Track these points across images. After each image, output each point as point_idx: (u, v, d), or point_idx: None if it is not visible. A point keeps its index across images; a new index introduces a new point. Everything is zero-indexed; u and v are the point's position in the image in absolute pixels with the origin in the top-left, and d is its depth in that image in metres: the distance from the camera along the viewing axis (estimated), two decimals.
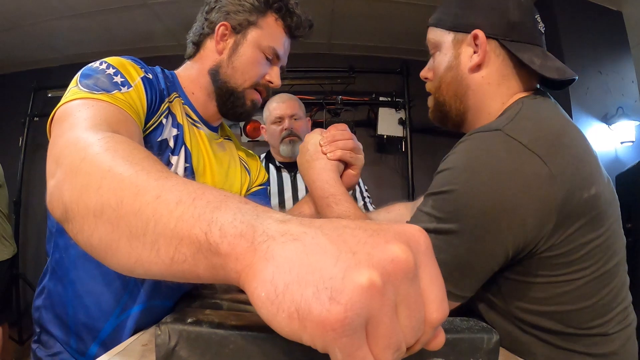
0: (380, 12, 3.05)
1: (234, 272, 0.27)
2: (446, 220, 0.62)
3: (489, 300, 0.69)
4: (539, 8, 0.81)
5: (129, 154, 0.41)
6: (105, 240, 0.36)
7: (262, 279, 0.25)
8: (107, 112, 0.58)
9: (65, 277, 0.72)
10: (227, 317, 0.39)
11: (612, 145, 2.57)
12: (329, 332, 0.22)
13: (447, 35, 0.78)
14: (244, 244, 0.27)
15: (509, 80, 0.75)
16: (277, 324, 0.24)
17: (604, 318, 0.64)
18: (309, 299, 0.23)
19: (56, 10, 2.87)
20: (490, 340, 0.38)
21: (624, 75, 2.70)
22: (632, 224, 2.28)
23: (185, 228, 0.30)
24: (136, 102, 0.66)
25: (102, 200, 0.36)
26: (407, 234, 0.26)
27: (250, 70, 0.84)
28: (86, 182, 0.39)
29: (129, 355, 0.50)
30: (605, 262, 0.64)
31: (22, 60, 3.53)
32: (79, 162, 0.42)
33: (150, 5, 2.95)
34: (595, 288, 0.63)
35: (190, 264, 0.30)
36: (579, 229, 0.61)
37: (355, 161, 0.87)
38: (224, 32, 0.84)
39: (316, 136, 0.88)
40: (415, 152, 3.50)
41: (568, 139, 0.65)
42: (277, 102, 1.77)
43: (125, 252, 0.34)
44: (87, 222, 0.37)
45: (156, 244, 0.31)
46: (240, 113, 0.87)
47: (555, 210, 0.59)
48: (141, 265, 0.33)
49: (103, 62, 0.68)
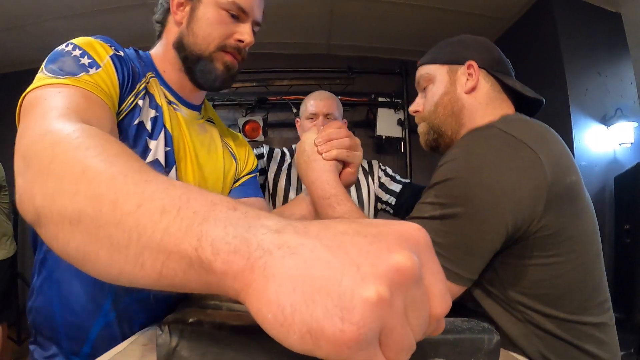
0: (379, 12, 3.06)
1: (233, 289, 0.26)
2: (452, 205, 0.68)
3: (486, 290, 0.75)
4: (538, 10, 0.87)
5: (103, 151, 0.37)
6: (84, 250, 0.33)
7: (266, 300, 0.24)
8: (75, 98, 0.55)
9: (49, 277, 0.70)
10: (228, 317, 0.39)
11: (611, 146, 2.57)
12: (344, 350, 0.22)
13: (441, 68, 0.91)
14: (240, 262, 0.25)
15: (495, 101, 0.87)
16: (289, 344, 0.24)
17: (591, 302, 0.72)
18: (320, 320, 0.22)
19: (55, 10, 2.87)
20: (491, 341, 0.38)
21: (623, 77, 2.70)
22: (630, 225, 2.29)
23: (172, 242, 0.28)
24: (107, 83, 0.63)
25: (79, 207, 0.33)
26: (406, 235, 0.26)
27: (212, 31, 0.78)
28: (59, 186, 0.36)
29: (129, 355, 0.50)
30: (587, 250, 0.73)
31: (21, 60, 3.52)
32: (48, 162, 0.38)
33: (149, 5, 2.94)
34: (580, 274, 0.72)
35: (181, 279, 0.28)
36: (566, 211, 0.70)
37: (352, 159, 0.85)
38: (180, 1, 0.79)
39: (312, 135, 0.87)
40: (414, 152, 3.51)
41: (550, 136, 0.75)
42: (315, 98, 1.71)
43: (107, 263, 0.31)
44: (62, 229, 0.34)
45: (141, 257, 0.29)
46: (214, 79, 0.81)
47: (546, 191, 0.67)
48: (125, 277, 0.31)
49: (70, 44, 0.65)
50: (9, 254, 2.46)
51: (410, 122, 3.42)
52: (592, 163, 2.49)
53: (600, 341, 0.72)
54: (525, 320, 0.72)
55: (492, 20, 3.08)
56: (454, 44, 0.92)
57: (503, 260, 0.72)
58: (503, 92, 0.88)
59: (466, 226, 0.67)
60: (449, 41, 0.93)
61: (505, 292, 0.72)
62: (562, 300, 0.71)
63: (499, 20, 3.10)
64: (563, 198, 0.69)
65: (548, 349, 0.70)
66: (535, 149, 0.69)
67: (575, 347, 0.70)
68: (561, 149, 0.74)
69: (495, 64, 0.89)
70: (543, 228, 0.69)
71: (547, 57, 2.70)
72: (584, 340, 0.71)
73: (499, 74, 0.88)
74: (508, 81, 0.87)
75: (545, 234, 0.69)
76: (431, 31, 3.19)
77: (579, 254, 0.71)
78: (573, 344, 0.70)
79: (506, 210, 0.66)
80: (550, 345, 0.71)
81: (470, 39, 0.92)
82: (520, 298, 0.72)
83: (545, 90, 2.53)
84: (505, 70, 0.90)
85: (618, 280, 2.38)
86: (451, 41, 0.93)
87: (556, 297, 0.71)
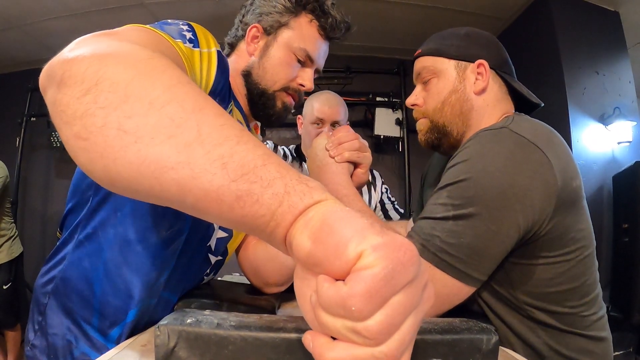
0: (378, 12, 3.06)
1: (314, 200, 0.31)
2: (465, 206, 0.68)
3: (495, 292, 0.76)
4: (536, 8, 0.86)
5: (199, 91, 0.37)
6: (150, 130, 0.31)
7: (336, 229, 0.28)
8: (164, 47, 0.52)
9: (95, 254, 0.65)
10: (226, 318, 0.39)
11: (609, 145, 2.57)
12: (406, 253, 0.26)
13: (448, 63, 0.87)
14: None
15: (501, 102, 0.86)
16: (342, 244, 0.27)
17: (588, 297, 0.75)
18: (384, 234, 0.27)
19: (53, 10, 2.86)
20: (490, 341, 0.38)
21: (621, 76, 2.71)
22: (629, 224, 2.29)
23: (274, 159, 0.32)
24: (197, 66, 0.61)
25: (173, 97, 0.33)
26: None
27: (280, 71, 0.83)
28: (155, 73, 0.34)
29: (128, 355, 0.50)
30: (587, 247, 0.74)
31: (19, 61, 3.52)
32: (146, 57, 0.36)
33: (147, 5, 2.95)
34: (581, 270, 0.73)
35: (261, 185, 0.30)
36: (570, 212, 0.71)
37: (363, 160, 0.87)
38: (255, 34, 0.84)
39: (322, 141, 0.89)
40: (412, 152, 3.50)
41: (556, 139, 0.75)
42: (322, 103, 1.63)
43: (173, 149, 0.31)
44: (134, 103, 0.32)
45: (228, 158, 0.31)
46: (271, 115, 0.86)
47: (555, 194, 0.68)
48: (184, 169, 0.31)
49: (182, 22, 0.64)
50: (18, 252, 2.57)
51: (408, 121, 3.42)
52: (591, 162, 2.49)
53: (601, 328, 0.76)
54: (530, 318, 0.73)
55: (490, 19, 3.08)
56: (462, 38, 0.88)
57: (512, 261, 0.73)
58: (508, 94, 0.88)
59: (479, 228, 0.67)
60: (455, 33, 0.89)
61: (513, 292, 0.74)
62: (564, 296, 0.73)
63: (497, 19, 3.10)
64: (569, 201, 0.71)
65: (554, 340, 0.73)
66: (545, 151, 0.69)
67: (580, 336, 0.73)
68: (567, 153, 0.75)
69: (503, 64, 0.87)
70: (551, 230, 0.70)
71: (545, 55, 2.70)
72: (587, 329, 0.74)
73: (506, 76, 0.87)
74: (515, 84, 0.86)
75: (552, 236, 0.70)
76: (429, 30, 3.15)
77: (581, 252, 0.73)
78: (578, 334, 0.73)
79: (518, 212, 0.67)
80: (556, 336, 0.73)
81: (479, 35, 0.89)
82: (526, 297, 0.73)
83: (544, 89, 2.54)
84: (510, 71, 0.88)
85: (616, 279, 2.38)
86: (458, 34, 0.89)
87: (559, 293, 0.72)
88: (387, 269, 0.25)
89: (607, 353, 0.77)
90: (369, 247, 0.26)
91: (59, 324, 0.66)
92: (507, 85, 0.87)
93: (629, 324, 2.24)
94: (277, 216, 0.30)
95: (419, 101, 0.91)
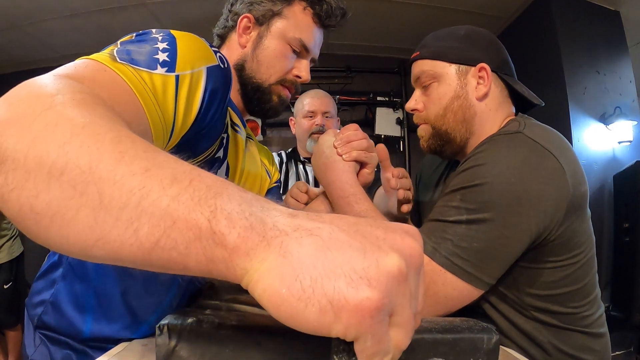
0: (378, 11, 3.06)
1: (240, 268, 0.25)
2: (479, 211, 0.69)
3: (501, 294, 0.76)
4: (536, 8, 0.85)
5: (112, 119, 0.33)
6: (57, 207, 0.27)
7: (281, 276, 0.24)
8: (112, 89, 0.45)
9: (85, 280, 0.64)
10: (227, 318, 0.39)
11: (610, 145, 2.57)
12: (366, 319, 0.23)
13: (449, 67, 0.85)
14: (256, 238, 0.25)
15: (503, 105, 0.86)
16: (304, 319, 0.24)
17: (589, 297, 0.76)
18: (344, 290, 0.23)
19: (54, 10, 2.86)
20: (490, 340, 0.38)
21: (622, 75, 2.70)
22: (630, 223, 2.29)
23: (181, 210, 0.26)
24: (177, 94, 0.52)
25: (67, 158, 0.28)
26: (411, 232, 0.28)
27: (275, 64, 0.79)
28: (47, 132, 0.29)
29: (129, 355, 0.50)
30: (589, 250, 0.76)
31: (20, 60, 3.52)
32: (41, 109, 0.31)
33: (148, 5, 2.94)
34: (584, 271, 0.75)
35: (179, 253, 0.26)
36: (577, 218, 0.72)
37: (370, 160, 0.86)
38: (247, 25, 0.80)
39: (330, 138, 0.87)
40: (413, 151, 3.50)
41: (566, 144, 0.76)
42: (311, 97, 1.80)
43: (85, 225, 0.27)
44: (35, 178, 0.28)
45: (136, 222, 0.26)
46: (267, 109, 0.83)
47: (567, 200, 0.69)
48: (105, 245, 0.27)
49: (164, 32, 0.55)
50: (19, 251, 2.58)
51: (409, 121, 3.42)
52: (591, 162, 2.49)
53: (600, 325, 0.78)
54: (534, 318, 0.75)
55: (491, 18, 3.07)
56: (461, 40, 0.86)
57: (520, 264, 0.73)
58: (508, 96, 0.87)
59: (492, 232, 0.68)
60: (454, 34, 0.87)
61: (519, 294, 0.75)
62: (568, 297, 0.74)
63: (498, 18, 3.09)
64: (578, 206, 0.72)
65: (557, 339, 0.74)
66: (557, 157, 0.70)
67: (581, 334, 0.75)
68: (576, 158, 0.75)
69: (504, 65, 0.86)
70: (560, 235, 0.71)
71: (545, 55, 2.69)
72: (588, 327, 0.76)
73: (507, 77, 0.85)
74: (516, 85, 0.85)
75: (561, 241, 0.71)
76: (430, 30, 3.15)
77: (584, 255, 0.74)
78: (580, 331, 0.75)
79: (531, 218, 0.67)
80: (559, 335, 0.74)
81: (479, 36, 0.87)
82: (532, 299, 0.74)
83: (544, 88, 2.53)
84: (511, 72, 0.87)
85: (617, 278, 2.38)
86: (457, 35, 0.87)
87: (563, 295, 0.74)
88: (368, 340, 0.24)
89: (606, 348, 0.79)
90: (342, 328, 0.24)
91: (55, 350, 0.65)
92: (508, 87, 0.86)
93: (629, 323, 2.24)
94: (216, 274, 0.27)
95: (419, 106, 0.90)
